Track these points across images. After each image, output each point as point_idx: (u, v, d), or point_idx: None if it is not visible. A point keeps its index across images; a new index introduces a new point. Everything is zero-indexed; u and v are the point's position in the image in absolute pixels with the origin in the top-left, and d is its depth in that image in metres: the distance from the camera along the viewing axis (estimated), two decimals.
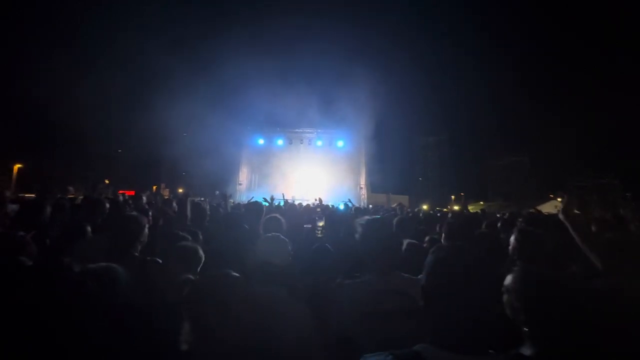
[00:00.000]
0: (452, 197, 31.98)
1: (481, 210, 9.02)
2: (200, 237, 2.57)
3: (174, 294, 1.37)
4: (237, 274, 1.28)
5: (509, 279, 1.21)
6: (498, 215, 7.53)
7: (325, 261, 2.20)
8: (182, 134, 18.61)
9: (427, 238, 2.69)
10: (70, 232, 1.98)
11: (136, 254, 1.86)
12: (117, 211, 3.02)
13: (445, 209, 20.06)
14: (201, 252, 1.67)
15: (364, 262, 1.65)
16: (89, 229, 2.07)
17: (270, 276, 1.62)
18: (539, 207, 5.04)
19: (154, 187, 18.83)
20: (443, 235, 2.20)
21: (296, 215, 4.64)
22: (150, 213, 3.07)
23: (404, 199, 23.65)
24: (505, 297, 1.19)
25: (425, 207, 22.85)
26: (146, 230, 1.98)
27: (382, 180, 23.96)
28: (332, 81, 21.25)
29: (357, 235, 1.71)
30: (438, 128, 36.92)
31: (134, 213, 2.11)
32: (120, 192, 8.99)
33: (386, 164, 26.90)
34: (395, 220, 3.78)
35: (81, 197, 4.34)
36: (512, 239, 1.95)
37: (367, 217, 1.76)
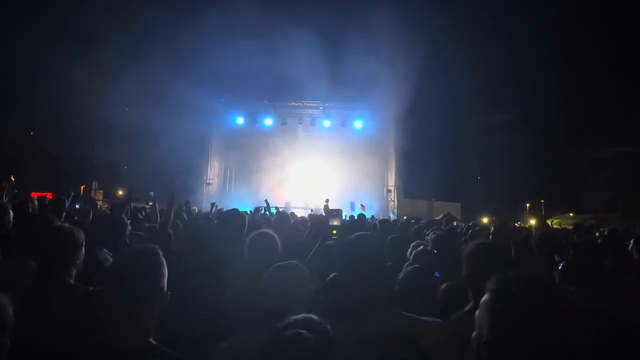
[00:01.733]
0: (527, 205, 30.85)
1: (574, 225, 9.06)
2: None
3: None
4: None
5: None
6: (596, 234, 7.47)
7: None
8: (122, 110, 18.52)
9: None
10: None
11: (71, 281, 1.93)
12: (34, 222, 3.06)
13: (517, 223, 19.10)
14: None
15: (349, 296, 1.73)
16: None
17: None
18: None
19: (82, 187, 19.01)
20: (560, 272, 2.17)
21: (290, 231, 4.66)
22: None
23: (454, 208, 22.98)
24: None
25: (485, 219, 22.09)
26: (83, 250, 2.06)
27: (420, 179, 23.57)
28: (348, 29, 19.73)
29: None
30: (507, 103, 35.89)
31: (67, 225, 2.20)
32: (35, 194, 9.13)
33: (427, 155, 25.77)
34: (389, 239, 3.94)
35: None
36: None
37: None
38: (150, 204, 8.24)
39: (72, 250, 1.98)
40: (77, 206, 7.14)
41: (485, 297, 1.14)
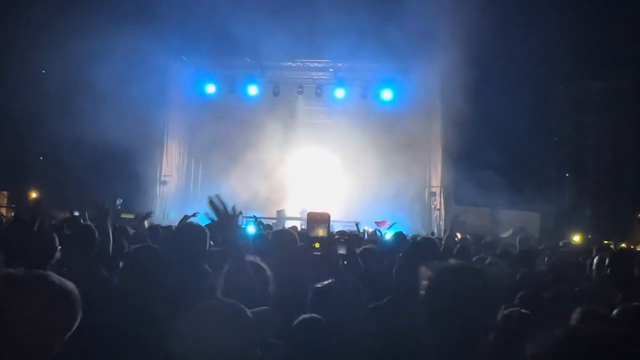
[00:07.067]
0: (639, 216, 30.17)
1: None
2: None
3: None
4: None
5: None
6: None
7: None
8: (36, 71, 17.95)
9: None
10: None
11: None
12: None
13: (623, 244, 19.06)
14: None
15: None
16: None
17: None
18: None
19: None
20: None
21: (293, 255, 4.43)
22: None
23: (532, 220, 23.67)
24: None
25: (577, 237, 22.93)
26: None
27: (479, 178, 23.01)
28: None
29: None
30: (609, 65, 35.49)
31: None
32: None
33: (490, 142, 25.26)
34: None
35: None
36: None
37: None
38: (76, 213, 8.37)
39: None
40: None
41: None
